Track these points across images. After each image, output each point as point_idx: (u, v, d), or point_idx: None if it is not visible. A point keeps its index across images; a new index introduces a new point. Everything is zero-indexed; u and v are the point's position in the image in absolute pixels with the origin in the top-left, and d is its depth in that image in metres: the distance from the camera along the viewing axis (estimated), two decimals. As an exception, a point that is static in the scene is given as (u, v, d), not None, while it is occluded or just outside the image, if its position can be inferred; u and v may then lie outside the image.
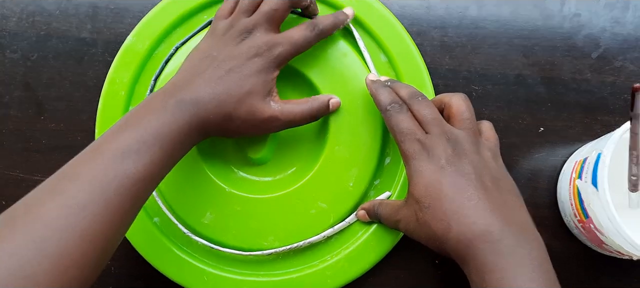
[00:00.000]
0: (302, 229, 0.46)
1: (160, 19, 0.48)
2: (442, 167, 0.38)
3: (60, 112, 0.50)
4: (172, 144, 0.38)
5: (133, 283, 0.49)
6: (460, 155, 0.39)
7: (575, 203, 0.43)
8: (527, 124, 0.48)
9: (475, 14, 0.49)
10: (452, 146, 0.39)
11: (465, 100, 0.42)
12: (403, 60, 0.47)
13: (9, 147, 0.50)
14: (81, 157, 0.37)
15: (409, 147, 0.40)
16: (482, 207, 0.37)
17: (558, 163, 0.48)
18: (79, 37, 0.50)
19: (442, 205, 0.37)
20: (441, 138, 0.40)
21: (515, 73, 0.48)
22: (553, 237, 0.48)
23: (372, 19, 0.47)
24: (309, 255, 0.47)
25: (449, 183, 0.38)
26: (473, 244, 0.36)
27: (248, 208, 0.46)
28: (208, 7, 0.48)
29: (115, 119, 0.48)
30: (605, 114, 0.48)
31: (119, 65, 0.48)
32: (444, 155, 0.39)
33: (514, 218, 0.37)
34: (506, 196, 0.39)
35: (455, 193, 0.37)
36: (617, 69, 0.48)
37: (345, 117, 0.46)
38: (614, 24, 0.48)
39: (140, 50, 0.48)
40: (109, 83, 0.48)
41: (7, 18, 0.51)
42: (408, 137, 0.40)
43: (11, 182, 0.50)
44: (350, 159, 0.46)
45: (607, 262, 0.47)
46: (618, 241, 0.38)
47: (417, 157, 0.39)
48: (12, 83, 0.51)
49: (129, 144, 0.36)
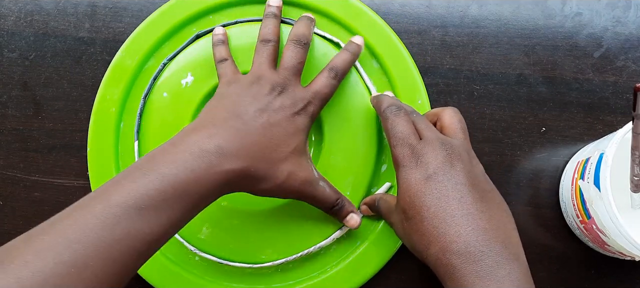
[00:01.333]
0: (301, 240, 0.46)
1: (150, 33, 0.48)
2: (429, 177, 0.37)
3: (58, 111, 0.50)
4: (198, 198, 0.35)
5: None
6: (453, 161, 0.37)
7: (578, 204, 0.42)
8: (529, 123, 0.48)
9: (476, 13, 0.48)
10: (446, 151, 0.38)
11: (456, 113, 0.42)
12: (395, 65, 0.47)
13: (7, 146, 0.50)
14: (88, 204, 0.32)
15: (400, 152, 0.38)
16: (465, 224, 0.35)
17: (560, 163, 0.47)
18: (77, 36, 0.50)
19: (423, 219, 0.36)
20: (435, 142, 0.38)
21: (516, 72, 0.48)
22: (555, 237, 0.47)
23: (362, 25, 0.47)
24: (309, 267, 0.47)
25: (434, 195, 0.36)
26: (451, 263, 0.34)
27: (245, 221, 0.46)
28: (196, 20, 0.48)
29: (106, 136, 0.47)
30: (607, 114, 0.47)
31: (109, 81, 0.48)
32: (434, 161, 0.37)
33: (498, 234, 0.35)
34: (494, 211, 0.37)
35: (439, 207, 0.36)
36: (619, 69, 0.48)
37: (340, 126, 0.46)
38: (616, 23, 0.48)
39: (130, 66, 0.47)
40: (99, 100, 0.48)
41: (5, 17, 0.51)
42: (400, 142, 0.39)
43: (9, 181, 0.50)
44: (346, 167, 0.46)
45: (609, 263, 0.47)
46: (620, 242, 0.38)
47: (406, 164, 0.38)
48: (10, 82, 0.50)
49: (148, 194, 0.32)
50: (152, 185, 0.33)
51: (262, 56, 0.44)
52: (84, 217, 0.32)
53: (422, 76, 0.48)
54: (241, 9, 0.48)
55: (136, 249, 0.32)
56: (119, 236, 0.31)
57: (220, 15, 0.48)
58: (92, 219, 0.31)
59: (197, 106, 0.46)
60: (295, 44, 0.44)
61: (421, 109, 0.46)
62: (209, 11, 0.48)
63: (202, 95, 0.47)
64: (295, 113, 0.41)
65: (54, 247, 0.30)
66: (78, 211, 0.32)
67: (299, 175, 0.40)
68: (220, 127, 0.38)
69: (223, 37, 0.46)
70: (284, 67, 0.43)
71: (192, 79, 0.47)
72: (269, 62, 0.43)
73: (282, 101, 0.41)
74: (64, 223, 0.32)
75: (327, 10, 0.47)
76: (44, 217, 0.50)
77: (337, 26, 0.47)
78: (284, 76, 0.42)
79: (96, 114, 0.48)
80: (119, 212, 0.32)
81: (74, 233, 0.31)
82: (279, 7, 0.46)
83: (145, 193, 0.33)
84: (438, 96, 0.48)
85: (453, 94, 0.48)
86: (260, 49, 0.44)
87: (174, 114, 0.47)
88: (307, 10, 0.47)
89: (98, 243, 0.31)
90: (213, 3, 0.48)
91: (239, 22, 0.48)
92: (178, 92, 0.47)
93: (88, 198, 0.33)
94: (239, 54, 0.46)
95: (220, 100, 0.41)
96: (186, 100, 0.47)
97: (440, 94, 0.48)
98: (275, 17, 0.46)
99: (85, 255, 0.30)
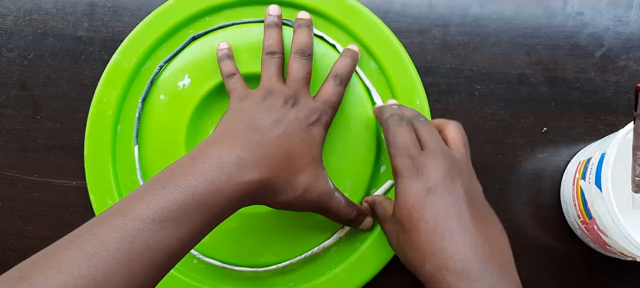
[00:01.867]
0: (300, 242, 0.46)
1: (146, 35, 0.47)
2: (429, 189, 0.36)
3: (56, 111, 0.50)
4: (218, 209, 0.34)
5: None
6: (454, 175, 0.37)
7: (579, 204, 0.42)
8: (530, 123, 0.48)
9: (478, 12, 0.48)
10: (448, 163, 0.37)
11: (460, 128, 0.41)
12: (393, 65, 0.47)
13: (5, 146, 0.50)
14: (107, 218, 0.32)
15: (400, 162, 0.38)
16: (463, 241, 0.34)
17: (561, 163, 0.47)
18: (76, 36, 0.50)
19: (420, 233, 0.35)
20: (437, 154, 0.37)
21: (518, 72, 0.48)
22: (556, 238, 0.47)
23: (360, 26, 0.47)
24: (308, 269, 0.46)
25: (434, 209, 0.35)
26: (447, 281, 0.33)
27: (243, 224, 0.46)
28: (193, 22, 0.48)
29: (103, 139, 0.47)
30: (609, 114, 0.47)
31: (106, 84, 0.48)
32: (435, 174, 0.36)
33: (494, 256, 0.35)
34: (493, 231, 0.36)
35: (438, 222, 0.35)
36: (620, 68, 0.47)
37: (338, 127, 0.46)
38: (618, 23, 0.48)
39: (127, 68, 0.47)
40: (96, 103, 0.48)
41: (4, 16, 0.50)
42: (401, 152, 0.38)
43: (7, 181, 0.50)
44: (345, 169, 0.46)
45: (610, 263, 0.47)
46: (621, 242, 0.38)
47: (406, 175, 0.37)
48: (8, 82, 0.50)
49: (168, 207, 0.32)
50: (172, 197, 0.33)
51: (271, 69, 0.44)
52: (103, 230, 0.31)
53: (423, 76, 0.47)
54: (238, 11, 0.48)
55: (156, 262, 0.31)
56: (139, 249, 0.31)
57: (217, 16, 0.48)
58: (112, 232, 0.31)
59: (194, 108, 0.46)
60: (301, 55, 0.44)
61: (420, 110, 0.46)
62: (205, 13, 0.48)
63: (199, 97, 0.46)
64: (310, 124, 0.41)
65: (73, 261, 0.30)
66: (97, 225, 0.32)
67: (317, 187, 0.40)
68: (239, 139, 0.37)
69: (228, 51, 0.46)
70: (293, 79, 0.43)
71: (189, 81, 0.47)
72: (277, 75, 0.44)
73: (296, 113, 0.41)
74: (83, 237, 0.31)
75: (324, 11, 0.47)
76: (42, 217, 0.50)
77: (334, 27, 0.47)
78: (295, 88, 0.43)
79: (93, 117, 0.48)
80: (139, 225, 0.31)
81: (92, 247, 0.30)
82: (279, 16, 0.46)
83: (165, 206, 0.32)
84: (439, 96, 0.48)
85: (454, 93, 0.48)
86: (267, 62, 0.44)
87: (171, 116, 0.47)
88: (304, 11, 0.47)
89: (118, 256, 0.30)
90: (210, 5, 0.47)
91: (235, 24, 0.48)
92: (175, 94, 0.47)
93: (107, 212, 0.33)
94: (236, 56, 0.46)
95: (235, 114, 0.41)
96: (183, 102, 0.46)
97: (441, 93, 0.48)
98: (277, 27, 0.46)
99: (105, 269, 0.30)
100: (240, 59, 0.46)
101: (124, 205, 0.33)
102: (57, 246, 0.31)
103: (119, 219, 0.32)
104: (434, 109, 0.48)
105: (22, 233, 0.50)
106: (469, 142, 0.46)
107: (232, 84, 0.45)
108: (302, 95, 0.43)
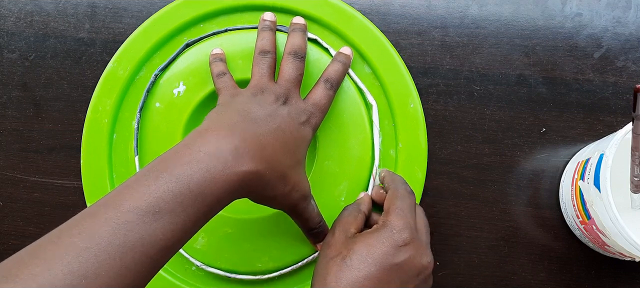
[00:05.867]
0: (297, 248, 0.46)
1: (141, 43, 0.47)
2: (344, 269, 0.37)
3: (58, 112, 0.50)
4: (213, 200, 0.33)
5: None
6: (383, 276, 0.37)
7: (578, 205, 0.42)
8: (529, 124, 0.48)
9: (476, 14, 0.48)
10: (376, 266, 0.37)
11: (419, 211, 0.42)
12: (387, 70, 0.47)
13: (7, 147, 0.50)
14: (98, 211, 0.30)
15: (332, 239, 0.40)
16: None
17: (560, 163, 0.47)
18: (77, 37, 0.50)
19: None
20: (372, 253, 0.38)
21: (516, 73, 0.48)
22: (555, 238, 0.47)
23: (353, 30, 0.47)
24: (307, 274, 0.47)
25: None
26: None
27: (240, 230, 0.46)
28: (187, 29, 0.48)
29: (99, 147, 0.47)
30: (608, 115, 0.47)
31: (101, 92, 0.48)
32: (358, 268, 0.37)
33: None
34: None
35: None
36: (619, 69, 0.47)
37: (333, 131, 0.46)
38: (616, 24, 0.48)
39: (122, 76, 0.47)
40: (91, 111, 0.48)
41: (5, 18, 0.51)
42: (340, 227, 0.41)
43: (8, 182, 0.50)
44: (340, 173, 0.46)
45: (609, 263, 0.47)
46: (620, 242, 0.38)
47: (331, 255, 0.39)
48: (10, 83, 0.50)
49: (162, 198, 0.31)
50: (167, 188, 0.31)
51: (262, 68, 0.44)
52: (95, 224, 0.30)
53: (422, 77, 0.48)
54: (231, 17, 0.48)
55: (150, 256, 0.30)
56: (133, 243, 0.29)
57: (211, 23, 0.48)
58: (104, 226, 0.29)
59: (189, 115, 0.46)
60: (294, 56, 0.44)
61: (413, 113, 0.46)
62: (199, 20, 0.48)
63: (194, 104, 0.47)
64: (300, 123, 0.41)
65: (62, 257, 0.28)
66: (88, 218, 0.30)
67: (302, 187, 0.40)
68: (235, 129, 0.36)
69: (222, 55, 0.46)
70: (284, 78, 0.43)
71: (184, 88, 0.47)
72: (269, 74, 0.43)
73: (288, 110, 0.41)
74: (72, 232, 0.29)
75: (318, 16, 0.47)
76: (44, 218, 0.50)
77: (328, 32, 0.47)
78: (286, 87, 0.42)
79: (89, 125, 0.48)
80: (132, 218, 0.30)
81: (83, 241, 0.29)
82: (273, 21, 0.47)
83: (160, 197, 0.31)
84: (438, 97, 0.48)
85: (453, 94, 0.48)
86: (259, 61, 0.44)
87: (167, 123, 0.47)
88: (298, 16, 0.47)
89: (110, 251, 0.29)
90: (203, 12, 0.47)
91: (229, 30, 0.48)
92: (170, 101, 0.47)
93: (98, 204, 0.31)
94: (229, 62, 0.46)
95: (227, 107, 0.40)
96: (179, 109, 0.47)
97: (440, 94, 0.48)
98: (271, 30, 0.46)
99: (97, 264, 0.28)
100: (233, 65, 0.46)
101: (116, 196, 0.31)
102: (45, 241, 0.29)
103: (110, 212, 0.30)
104: (433, 109, 0.48)
105: (23, 234, 0.50)
106: (468, 142, 0.47)
107: (222, 83, 0.44)
108: (292, 95, 0.42)
